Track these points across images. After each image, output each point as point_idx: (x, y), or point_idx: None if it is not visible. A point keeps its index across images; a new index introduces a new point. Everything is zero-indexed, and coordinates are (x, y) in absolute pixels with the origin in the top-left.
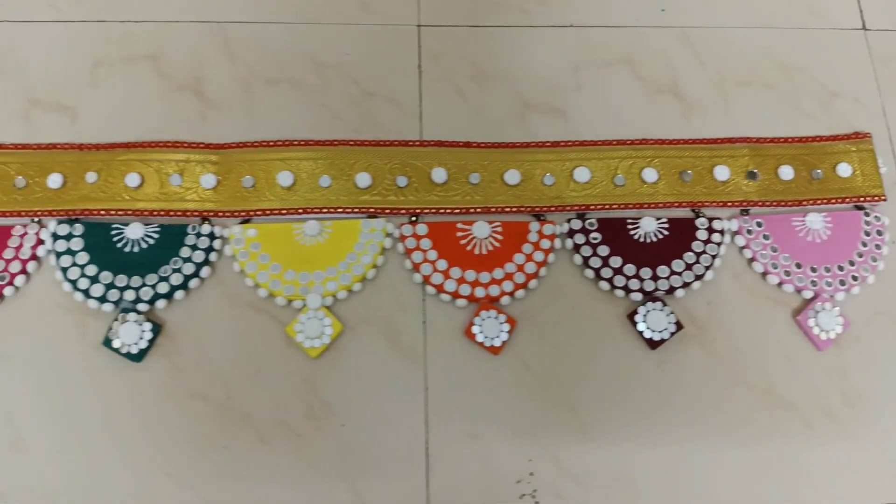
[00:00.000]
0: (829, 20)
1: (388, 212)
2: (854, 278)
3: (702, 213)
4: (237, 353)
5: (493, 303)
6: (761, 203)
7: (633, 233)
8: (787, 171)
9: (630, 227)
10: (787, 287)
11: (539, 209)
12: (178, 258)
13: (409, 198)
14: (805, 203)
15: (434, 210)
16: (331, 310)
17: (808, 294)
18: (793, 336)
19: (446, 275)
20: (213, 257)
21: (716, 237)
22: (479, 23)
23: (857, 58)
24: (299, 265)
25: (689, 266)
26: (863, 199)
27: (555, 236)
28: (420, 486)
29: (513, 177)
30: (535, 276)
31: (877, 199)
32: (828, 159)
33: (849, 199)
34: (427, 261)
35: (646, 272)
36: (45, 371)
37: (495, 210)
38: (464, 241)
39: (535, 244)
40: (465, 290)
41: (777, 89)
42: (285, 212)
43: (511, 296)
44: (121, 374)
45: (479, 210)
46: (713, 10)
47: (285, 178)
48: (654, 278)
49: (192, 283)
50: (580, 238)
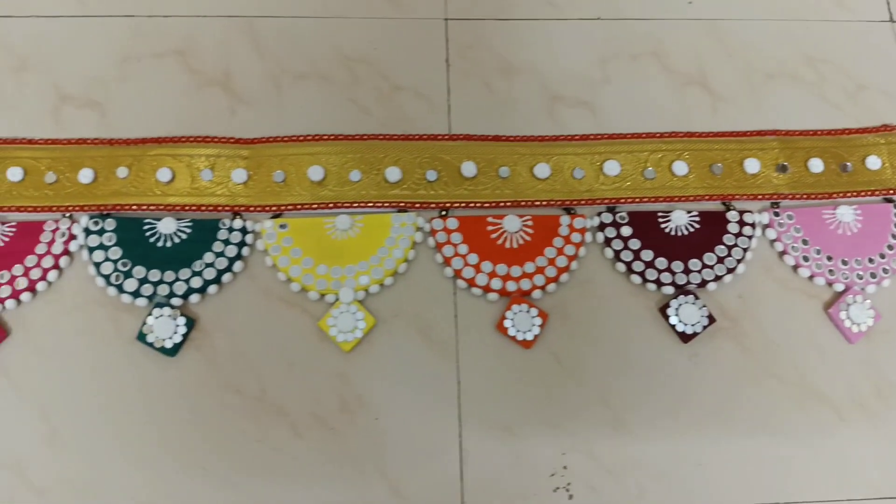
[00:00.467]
0: (856, 12)
1: (417, 206)
2: (885, 271)
3: (732, 207)
4: (270, 347)
5: (524, 297)
6: (791, 196)
7: (664, 226)
8: (817, 164)
9: (661, 220)
10: (818, 280)
11: (569, 202)
12: (211, 253)
13: (439, 192)
14: (835, 196)
15: (464, 204)
16: (363, 304)
17: (839, 287)
18: (824, 329)
19: (477, 269)
20: (245, 252)
21: (747, 230)
22: (506, 16)
23: (884, 50)
24: (331, 259)
25: (720, 259)
26: (892, 192)
27: (585, 230)
28: (454, 479)
29: (542, 170)
30: (566, 269)
31: None
32: (857, 152)
33: (878, 192)
34: (458, 255)
35: (677, 265)
36: (79, 366)
37: (525, 204)
38: (494, 235)
39: (565, 238)
40: (496, 284)
41: (805, 81)
42: (316, 206)
43: (542, 290)
44: (155, 369)
45: (509, 204)
46: (741, 3)
47: (316, 173)
48: (686, 272)
49: (225, 278)
50: (611, 231)
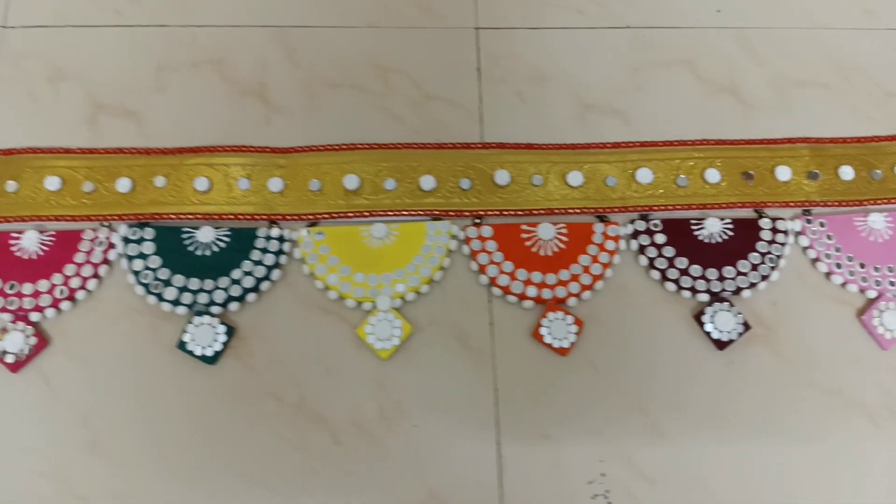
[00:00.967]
0: (882, 20)
1: (451, 214)
2: None
3: (765, 214)
4: (309, 354)
5: (559, 304)
6: (823, 203)
7: (697, 233)
8: (848, 171)
9: (694, 227)
10: (850, 287)
11: (602, 210)
12: (249, 261)
13: (473, 200)
14: (866, 203)
15: (498, 212)
16: (399, 311)
17: (871, 294)
18: (857, 336)
19: (512, 276)
20: (282, 260)
21: (780, 237)
22: (536, 25)
23: None
24: (368, 267)
25: (754, 266)
26: None
27: (619, 237)
28: (493, 486)
29: (575, 178)
30: (601, 277)
31: None
32: (886, 159)
33: None
34: (493, 262)
35: (712, 273)
36: (120, 374)
37: (559, 211)
38: (529, 243)
39: (599, 245)
40: (531, 291)
41: (834, 89)
42: (351, 215)
43: (577, 297)
44: (195, 377)
45: (543, 211)
46: (769, 11)
47: (351, 182)
48: (721, 279)
49: (263, 286)
50: (645, 239)
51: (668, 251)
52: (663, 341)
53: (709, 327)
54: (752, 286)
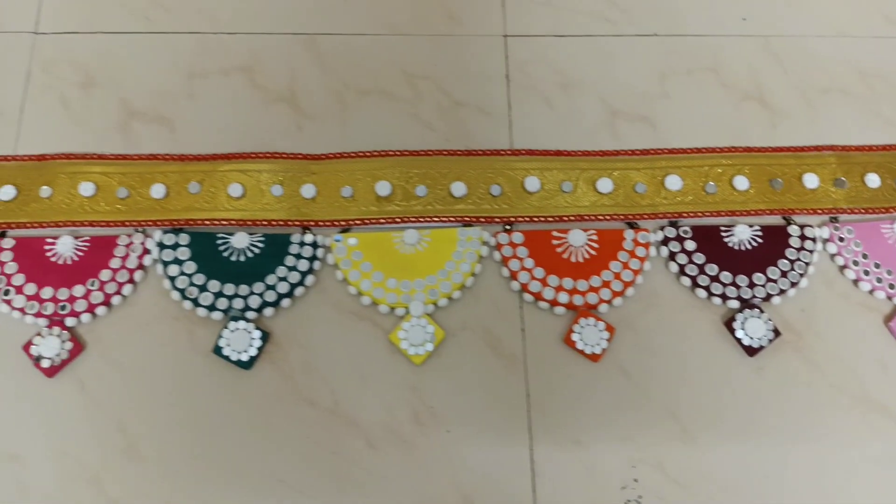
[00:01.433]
0: None
1: (482, 220)
2: None
3: (793, 221)
4: (342, 360)
5: (590, 310)
6: (850, 210)
7: (727, 240)
8: (874, 179)
9: (724, 234)
10: (878, 294)
11: (632, 217)
12: (284, 267)
13: (503, 206)
14: (892, 210)
15: (528, 218)
16: (432, 317)
17: None
18: (885, 342)
19: (544, 283)
20: (316, 266)
21: (808, 244)
22: (564, 32)
23: None
24: (401, 273)
25: (783, 273)
26: None
27: (649, 244)
28: (527, 491)
29: (605, 185)
30: (632, 283)
31: None
32: None
33: None
34: (524, 269)
35: (742, 279)
36: (155, 379)
37: (589, 218)
38: (560, 249)
39: (630, 252)
40: (563, 297)
41: (858, 97)
42: (383, 221)
43: (608, 303)
44: (231, 382)
45: (573, 218)
46: (793, 19)
47: (383, 188)
48: (751, 286)
49: (297, 292)
50: (675, 246)
51: (699, 258)
52: (694, 347)
53: (740, 334)
54: (781, 293)
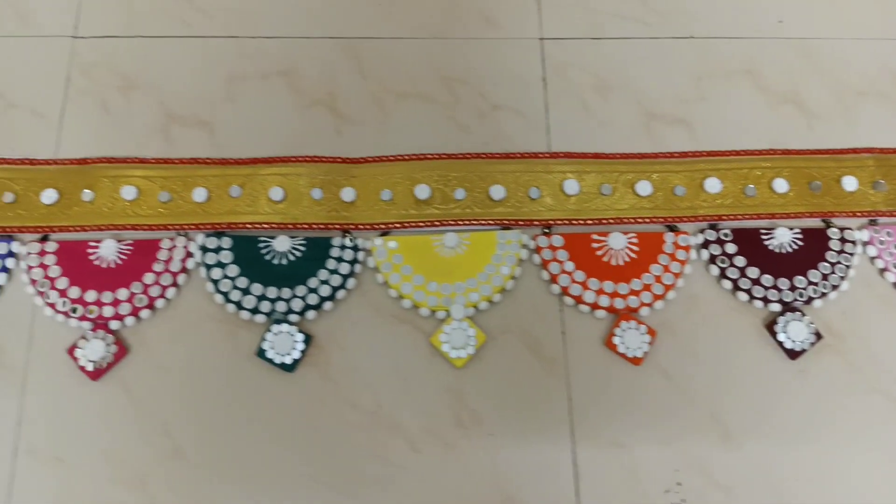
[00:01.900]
0: None
1: (521, 223)
2: None
3: (832, 224)
4: (384, 362)
5: (631, 314)
6: (889, 213)
7: (767, 243)
8: None
9: (764, 237)
10: None
11: (672, 219)
12: (325, 270)
13: (542, 209)
14: None
15: (567, 221)
16: (472, 320)
17: None
18: None
19: (584, 286)
20: (356, 269)
21: (848, 247)
22: (600, 35)
23: None
24: (441, 276)
25: (824, 276)
26: None
27: (690, 247)
28: (570, 494)
29: (644, 188)
30: (672, 286)
31: None
32: None
33: None
34: (564, 272)
35: (783, 283)
36: (199, 381)
37: (628, 221)
38: (600, 252)
39: (670, 255)
40: (603, 301)
41: (894, 100)
42: (423, 224)
43: (649, 307)
44: (274, 385)
45: (612, 221)
46: (829, 22)
47: (422, 191)
48: (792, 289)
49: (339, 295)
50: (715, 249)
51: (740, 261)
52: (735, 351)
53: (782, 337)
54: (822, 296)
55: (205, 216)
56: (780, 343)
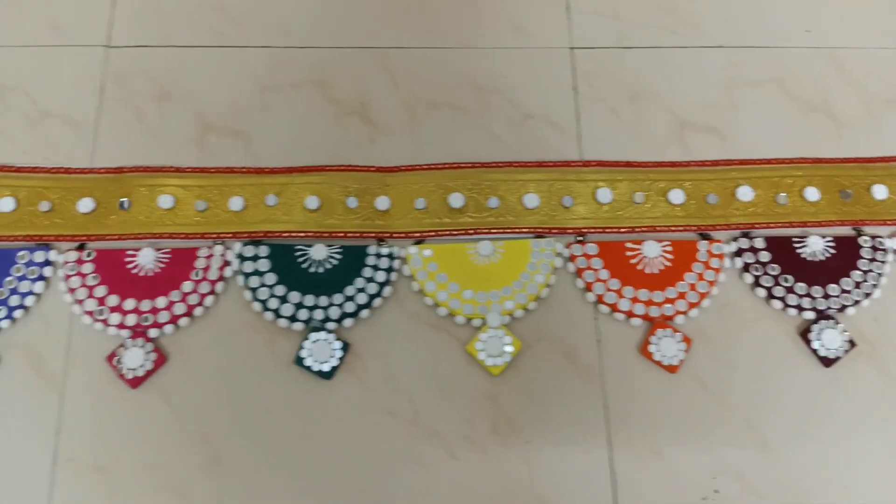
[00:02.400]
0: None
1: (555, 231)
2: None
3: (863, 232)
4: (421, 370)
5: (667, 322)
6: None
7: (800, 251)
8: None
9: (797, 245)
10: None
11: (705, 228)
12: (362, 278)
13: (575, 218)
14: None
15: (601, 229)
16: (508, 328)
17: None
18: None
19: (619, 294)
20: (392, 277)
21: (880, 255)
22: (629, 44)
23: None
24: (476, 284)
25: (857, 284)
26: None
27: (723, 255)
28: (608, 502)
29: (677, 196)
30: (707, 294)
31: None
32: None
33: None
34: (599, 280)
35: (817, 291)
36: (238, 389)
37: (661, 229)
38: (634, 261)
39: (704, 263)
40: (639, 309)
41: None
42: (457, 232)
43: (684, 315)
44: (312, 393)
45: (646, 229)
46: (856, 31)
47: (457, 200)
48: (826, 297)
49: (375, 303)
50: (749, 257)
51: (773, 269)
52: (770, 358)
53: (816, 345)
54: (855, 304)
55: (241, 225)
56: (815, 351)
